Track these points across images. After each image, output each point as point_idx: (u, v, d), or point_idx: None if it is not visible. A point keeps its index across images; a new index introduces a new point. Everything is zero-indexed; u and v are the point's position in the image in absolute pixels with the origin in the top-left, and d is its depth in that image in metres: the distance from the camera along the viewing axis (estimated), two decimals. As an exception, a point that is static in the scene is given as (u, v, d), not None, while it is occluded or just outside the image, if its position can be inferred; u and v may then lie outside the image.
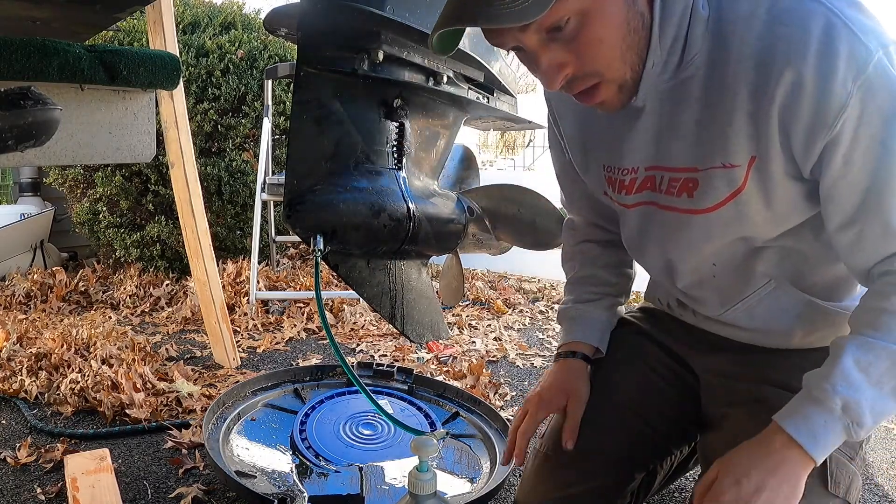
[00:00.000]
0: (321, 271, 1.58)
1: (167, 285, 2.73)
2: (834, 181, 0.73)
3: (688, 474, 1.28)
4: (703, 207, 0.82)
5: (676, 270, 0.94)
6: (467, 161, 1.46)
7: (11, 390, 1.74)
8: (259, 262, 2.54)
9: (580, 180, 1.03)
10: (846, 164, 0.71)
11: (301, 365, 1.99)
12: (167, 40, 1.69)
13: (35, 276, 2.76)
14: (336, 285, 2.79)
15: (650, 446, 1.04)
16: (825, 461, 0.81)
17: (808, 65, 0.68)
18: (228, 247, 2.98)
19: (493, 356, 2.19)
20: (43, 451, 1.45)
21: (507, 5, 0.64)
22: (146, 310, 2.60)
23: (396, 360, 2.13)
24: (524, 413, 1.01)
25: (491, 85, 1.25)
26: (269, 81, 2.67)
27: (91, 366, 1.83)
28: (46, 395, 1.73)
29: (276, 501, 1.10)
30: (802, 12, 0.68)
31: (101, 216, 2.92)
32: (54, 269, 2.88)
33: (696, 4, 0.74)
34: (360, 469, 1.27)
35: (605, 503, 0.99)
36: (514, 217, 1.33)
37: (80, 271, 2.92)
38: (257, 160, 2.64)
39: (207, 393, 1.77)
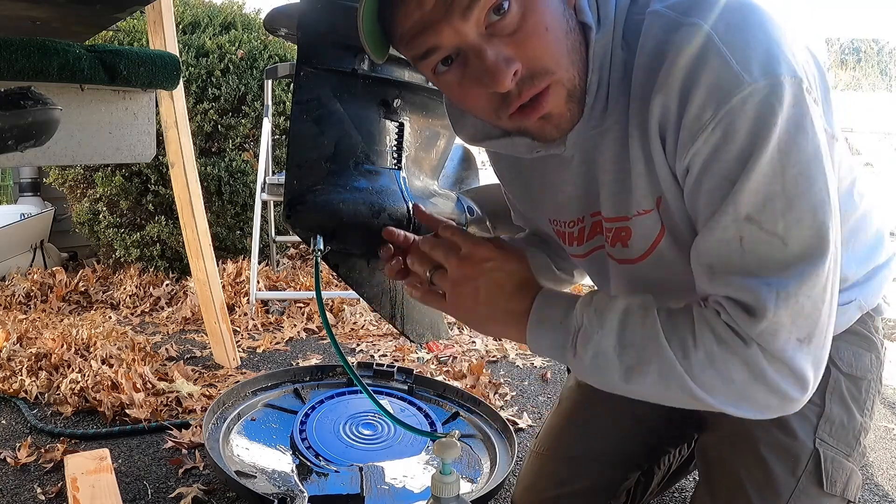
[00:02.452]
0: (321, 271, 1.58)
1: (167, 285, 2.73)
2: (690, 211, 0.68)
3: (689, 475, 1.28)
4: (636, 257, 0.79)
5: None
6: (467, 162, 1.46)
7: (11, 390, 1.74)
8: (259, 262, 2.54)
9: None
10: (696, 194, 0.65)
11: (301, 365, 1.99)
12: (167, 40, 1.69)
13: (35, 276, 2.76)
14: (336, 285, 2.79)
15: (644, 445, 1.04)
16: (819, 459, 0.82)
17: (672, 93, 0.63)
18: (228, 247, 2.98)
19: (493, 356, 2.19)
20: (43, 451, 1.45)
21: None
22: (146, 310, 2.60)
23: (396, 360, 2.13)
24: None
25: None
26: (269, 81, 2.67)
27: (91, 366, 1.83)
28: (46, 395, 1.73)
29: (276, 501, 1.10)
30: (679, 39, 0.62)
31: (101, 216, 2.92)
32: (54, 269, 2.88)
33: (615, 45, 0.69)
34: (360, 469, 1.27)
35: (600, 502, 1.00)
36: (514, 217, 1.33)
37: (80, 271, 2.92)
38: (257, 160, 2.64)
39: (207, 393, 1.77)
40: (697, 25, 0.62)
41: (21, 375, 1.80)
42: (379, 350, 2.22)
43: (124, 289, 2.71)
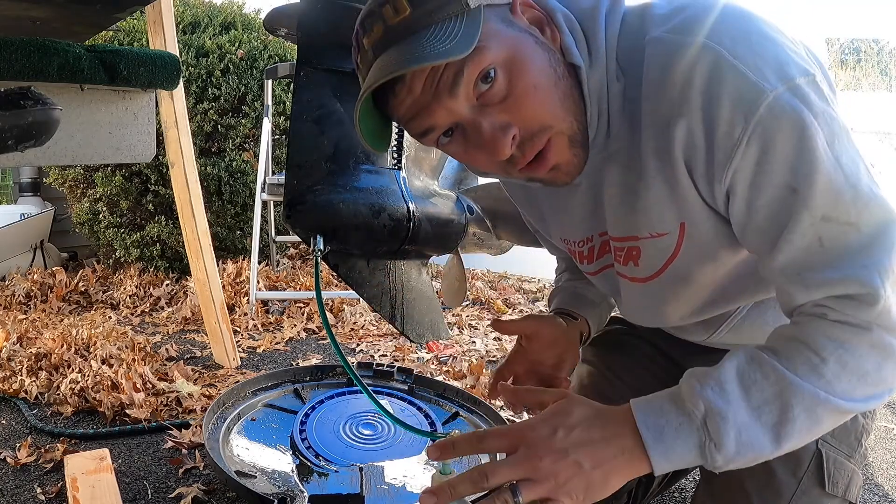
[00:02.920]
0: (321, 271, 1.58)
1: (167, 285, 2.73)
2: (742, 230, 0.67)
3: (689, 475, 1.28)
4: (646, 276, 0.79)
5: (650, 321, 0.93)
6: (467, 161, 1.46)
7: (11, 390, 1.74)
8: (259, 262, 2.54)
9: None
10: (750, 211, 0.64)
11: (301, 365, 1.99)
12: (167, 40, 1.69)
13: (35, 276, 2.76)
14: (336, 285, 2.79)
15: None
16: (821, 460, 0.81)
17: (694, 115, 0.62)
18: (228, 247, 2.98)
19: (493, 356, 2.19)
20: (43, 451, 1.45)
21: (434, 46, 0.60)
22: (146, 310, 2.60)
23: (396, 360, 2.13)
24: (510, 360, 1.01)
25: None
26: (269, 81, 2.67)
27: (91, 366, 1.83)
28: (46, 395, 1.73)
29: (276, 501, 1.10)
30: (689, 61, 0.62)
31: (101, 216, 2.92)
32: (54, 269, 2.88)
33: (611, 77, 0.69)
34: (360, 469, 1.27)
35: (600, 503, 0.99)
36: (514, 215, 1.33)
37: (80, 271, 2.92)
38: (257, 160, 2.65)
39: (207, 393, 1.77)
40: (703, 43, 0.62)
41: (21, 375, 1.80)
42: (379, 350, 2.22)
43: (124, 289, 2.71)
